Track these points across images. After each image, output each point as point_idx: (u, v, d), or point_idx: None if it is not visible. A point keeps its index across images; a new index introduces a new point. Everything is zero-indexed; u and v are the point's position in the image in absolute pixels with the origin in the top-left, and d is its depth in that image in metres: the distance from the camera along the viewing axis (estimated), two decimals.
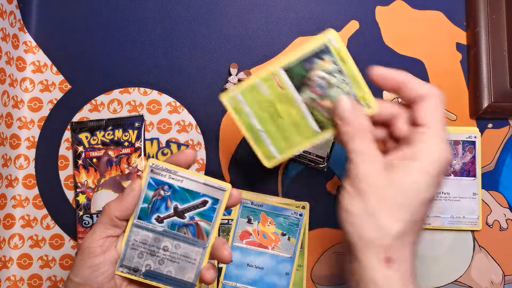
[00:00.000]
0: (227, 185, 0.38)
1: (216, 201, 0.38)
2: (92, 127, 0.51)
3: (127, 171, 0.50)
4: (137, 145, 0.50)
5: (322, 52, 0.36)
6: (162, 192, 0.38)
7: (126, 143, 0.50)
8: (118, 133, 0.51)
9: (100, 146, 0.50)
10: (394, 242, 0.31)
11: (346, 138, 0.35)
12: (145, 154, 0.50)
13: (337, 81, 0.37)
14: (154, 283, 0.38)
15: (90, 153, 0.50)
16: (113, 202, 0.37)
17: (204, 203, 0.39)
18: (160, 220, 0.38)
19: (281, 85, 0.36)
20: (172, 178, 0.38)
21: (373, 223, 0.32)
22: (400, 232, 0.31)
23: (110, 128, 0.51)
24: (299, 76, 0.36)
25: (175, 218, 0.38)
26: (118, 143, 0.50)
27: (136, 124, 0.51)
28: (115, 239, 0.38)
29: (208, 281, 0.38)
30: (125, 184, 0.50)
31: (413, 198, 0.32)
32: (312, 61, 0.36)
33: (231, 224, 0.50)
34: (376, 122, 0.37)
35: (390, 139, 0.37)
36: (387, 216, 0.32)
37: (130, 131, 0.51)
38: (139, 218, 0.38)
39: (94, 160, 0.50)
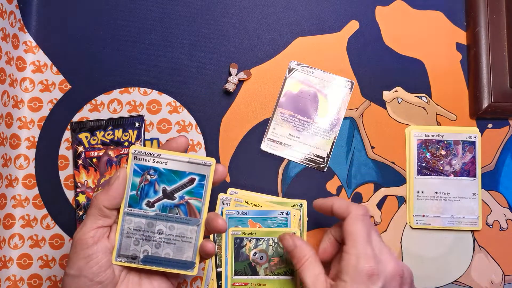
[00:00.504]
0: (211, 160, 0.39)
1: (203, 177, 0.39)
2: (92, 127, 0.51)
3: None
4: (137, 145, 0.50)
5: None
6: (148, 177, 0.39)
7: (126, 143, 0.50)
8: (118, 133, 0.51)
9: (100, 146, 0.50)
10: None
11: (297, 270, 0.42)
12: None
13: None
14: (154, 268, 0.38)
15: (90, 153, 0.50)
16: (100, 193, 0.38)
17: (192, 181, 0.39)
18: (150, 205, 0.39)
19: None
20: (156, 162, 0.39)
21: None
22: None
23: (110, 128, 0.51)
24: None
25: (165, 200, 0.39)
26: (118, 143, 0.50)
27: (136, 124, 0.51)
28: (107, 229, 0.38)
29: (210, 252, 0.39)
30: None
31: None
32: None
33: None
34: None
35: None
36: None
37: (130, 131, 0.51)
38: (130, 206, 0.39)
39: (94, 160, 0.50)
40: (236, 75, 0.52)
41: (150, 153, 0.39)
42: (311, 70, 0.52)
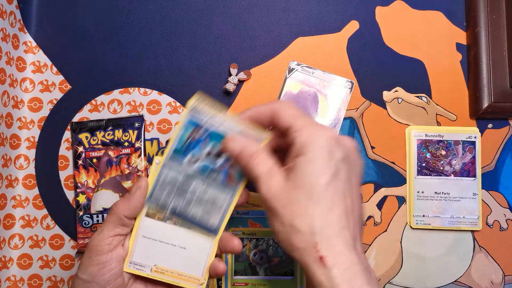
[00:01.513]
0: (266, 134, 0.37)
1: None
2: (92, 127, 0.51)
3: (127, 171, 0.50)
4: (137, 145, 0.50)
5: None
6: (197, 135, 0.37)
7: (126, 143, 0.50)
8: (118, 133, 0.51)
9: (100, 146, 0.50)
10: (319, 239, 0.30)
11: (245, 169, 0.36)
12: (145, 154, 0.50)
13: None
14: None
15: (90, 153, 0.50)
16: (120, 202, 0.37)
17: None
18: (193, 162, 0.38)
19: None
20: (209, 122, 0.37)
21: (295, 231, 0.31)
22: (318, 227, 0.31)
23: (110, 128, 0.51)
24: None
25: (208, 161, 0.38)
26: (118, 143, 0.50)
27: (136, 124, 0.51)
28: (123, 238, 0.38)
29: (220, 272, 0.38)
30: (125, 184, 0.50)
31: (314, 189, 0.31)
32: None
33: None
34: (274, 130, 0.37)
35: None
36: (300, 218, 0.31)
37: (130, 131, 0.51)
38: (171, 158, 0.37)
39: (94, 160, 0.50)
40: (236, 75, 0.52)
41: (207, 112, 0.37)
42: (311, 70, 0.52)
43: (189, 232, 0.38)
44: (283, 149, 0.36)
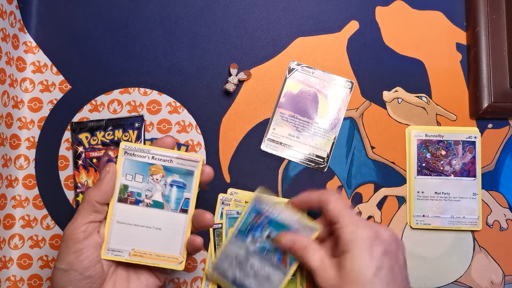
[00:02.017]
0: (316, 226, 0.43)
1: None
2: (92, 127, 0.51)
3: None
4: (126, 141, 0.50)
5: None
6: (259, 220, 0.45)
7: None
8: (118, 133, 0.51)
9: (100, 146, 0.50)
10: None
11: (300, 260, 0.42)
12: None
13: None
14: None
15: (90, 153, 0.50)
16: (91, 189, 0.39)
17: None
18: (254, 242, 0.45)
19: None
20: (270, 211, 0.45)
21: None
22: None
23: (110, 128, 0.51)
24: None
25: (266, 243, 0.44)
26: (118, 144, 0.50)
27: (136, 124, 0.51)
28: (97, 224, 0.39)
29: (197, 246, 0.40)
30: None
31: (362, 283, 0.37)
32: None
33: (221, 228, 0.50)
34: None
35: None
36: None
37: (130, 131, 0.51)
38: (236, 237, 0.45)
39: (94, 160, 0.50)
40: (236, 75, 0.52)
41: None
42: (311, 70, 0.52)
43: (162, 212, 0.40)
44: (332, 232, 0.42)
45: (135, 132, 0.51)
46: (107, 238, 0.39)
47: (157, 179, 0.40)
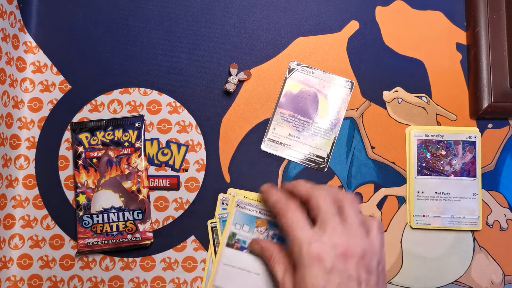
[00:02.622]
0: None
1: None
2: (92, 127, 0.51)
3: (127, 171, 0.50)
4: (137, 145, 0.50)
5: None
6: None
7: (126, 143, 0.50)
8: (118, 133, 0.51)
9: (100, 146, 0.50)
10: None
11: (270, 270, 0.43)
12: (145, 155, 0.50)
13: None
14: None
15: (90, 153, 0.50)
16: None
17: None
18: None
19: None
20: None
21: None
22: None
23: (110, 128, 0.51)
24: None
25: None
26: (118, 143, 0.50)
27: (136, 124, 0.51)
28: None
29: None
30: (125, 184, 0.50)
31: None
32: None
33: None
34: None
35: None
36: None
37: (130, 131, 0.51)
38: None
39: (94, 160, 0.50)
40: (236, 75, 0.52)
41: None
42: (311, 70, 0.52)
43: (261, 260, 0.46)
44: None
45: (135, 132, 0.51)
46: (212, 276, 0.45)
47: (261, 231, 0.47)
